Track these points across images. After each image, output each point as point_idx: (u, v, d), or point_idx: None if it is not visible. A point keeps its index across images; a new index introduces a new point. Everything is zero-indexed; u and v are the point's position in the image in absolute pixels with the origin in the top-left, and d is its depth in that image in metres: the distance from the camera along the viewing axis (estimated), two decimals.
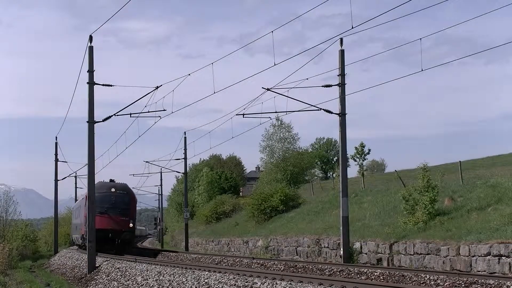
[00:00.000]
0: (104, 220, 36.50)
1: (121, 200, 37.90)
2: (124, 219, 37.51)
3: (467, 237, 20.55)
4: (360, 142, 41.12)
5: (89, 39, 26.72)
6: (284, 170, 56.94)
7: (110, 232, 36.85)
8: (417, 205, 25.57)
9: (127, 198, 38.46)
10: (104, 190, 37.39)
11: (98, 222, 32.78)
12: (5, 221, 59.46)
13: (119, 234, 37.35)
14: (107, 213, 37.09)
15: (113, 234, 37.04)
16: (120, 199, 37.87)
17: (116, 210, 37.39)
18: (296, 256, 31.41)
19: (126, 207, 37.96)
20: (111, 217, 37.13)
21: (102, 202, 36.38)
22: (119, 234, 37.35)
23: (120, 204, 37.69)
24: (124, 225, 37.46)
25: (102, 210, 36.43)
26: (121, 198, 38.00)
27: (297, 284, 13.71)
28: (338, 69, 26.01)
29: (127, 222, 37.65)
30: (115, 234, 37.16)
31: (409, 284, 16.33)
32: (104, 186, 38.08)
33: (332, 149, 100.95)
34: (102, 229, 35.18)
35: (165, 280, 18.49)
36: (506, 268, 18.35)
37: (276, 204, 41.98)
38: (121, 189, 38.66)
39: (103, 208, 36.63)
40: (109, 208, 37.24)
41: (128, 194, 38.97)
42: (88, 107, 27.36)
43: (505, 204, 22.92)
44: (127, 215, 37.81)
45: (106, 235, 36.44)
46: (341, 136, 25.95)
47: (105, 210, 36.85)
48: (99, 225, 32.90)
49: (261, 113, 27.66)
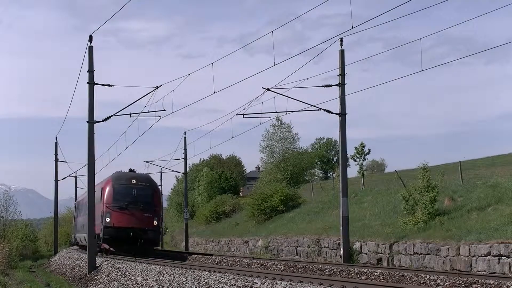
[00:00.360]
0: (124, 217, 31.47)
1: (144, 193, 32.44)
2: (147, 216, 31.88)
3: (467, 237, 20.56)
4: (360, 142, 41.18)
5: (89, 39, 26.73)
6: (284, 170, 56.94)
7: (131, 231, 31.30)
8: (417, 205, 25.58)
9: (150, 191, 32.93)
10: (123, 181, 32.48)
11: (117, 219, 30.72)
12: (5, 221, 59.48)
13: (142, 234, 31.67)
14: (128, 208, 31.64)
15: (134, 233, 31.39)
16: (143, 192, 32.42)
17: (138, 205, 31.82)
18: (296, 256, 31.41)
19: (150, 202, 32.42)
20: (132, 213, 31.61)
21: (122, 196, 31.83)
22: (142, 234, 31.67)
23: (142, 198, 32.23)
24: (147, 223, 31.82)
25: (122, 205, 31.54)
26: (144, 191, 32.53)
27: (297, 284, 13.71)
28: (338, 69, 26.00)
29: (150, 219, 31.98)
30: (137, 233, 31.50)
31: (409, 284, 16.32)
32: (123, 177, 33.14)
33: (332, 149, 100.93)
34: (122, 228, 31.04)
35: (165, 280, 18.49)
36: (506, 268, 18.35)
37: (276, 204, 41.97)
38: (143, 180, 33.30)
39: (123, 202, 31.65)
40: (129, 203, 31.78)
41: (152, 186, 33.45)
42: (88, 107, 27.36)
43: (505, 204, 22.92)
44: (150, 211, 32.22)
45: (127, 235, 31.20)
46: (341, 136, 25.95)
47: (125, 205, 31.61)
48: (118, 223, 30.71)
49: (261, 113, 27.67)
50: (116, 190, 31.68)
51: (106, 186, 32.31)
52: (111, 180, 32.59)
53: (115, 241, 31.09)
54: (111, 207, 31.33)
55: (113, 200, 31.54)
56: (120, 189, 31.95)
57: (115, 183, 32.14)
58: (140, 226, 31.48)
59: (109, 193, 31.79)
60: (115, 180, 32.41)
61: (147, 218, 31.82)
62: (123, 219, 31.36)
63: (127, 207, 31.65)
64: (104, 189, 32.23)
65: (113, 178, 32.83)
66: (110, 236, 31.17)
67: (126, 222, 31.36)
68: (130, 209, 31.61)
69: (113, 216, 31.14)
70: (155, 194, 33.19)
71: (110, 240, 31.43)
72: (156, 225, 32.22)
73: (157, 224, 32.31)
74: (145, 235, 31.61)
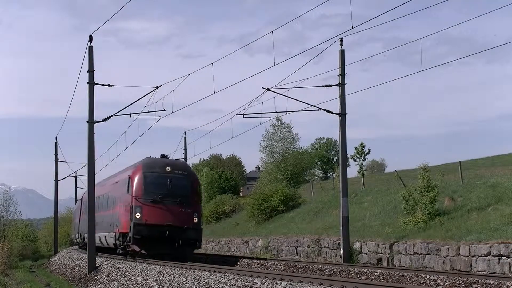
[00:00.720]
0: (158, 212, 26.12)
1: (181, 183, 26.92)
2: (185, 211, 26.37)
3: (467, 237, 20.56)
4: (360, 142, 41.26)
5: (89, 39, 26.76)
6: (284, 170, 56.92)
7: (168, 230, 25.75)
8: (417, 205, 25.59)
9: (189, 181, 27.29)
10: (157, 169, 27.04)
11: (150, 215, 25.83)
12: (5, 221, 59.52)
13: (180, 233, 26.04)
14: (162, 202, 26.22)
15: (171, 232, 25.87)
16: (180, 183, 26.89)
17: (175, 198, 26.32)
18: (296, 256, 31.41)
19: (188, 194, 26.87)
20: (167, 208, 26.23)
21: (155, 187, 26.48)
22: (180, 233, 26.04)
23: (179, 189, 26.64)
24: (186, 220, 26.30)
25: (155, 199, 26.20)
26: (181, 181, 26.99)
27: (297, 284, 13.71)
28: (338, 69, 26.02)
29: (190, 216, 26.49)
30: (175, 232, 25.95)
31: (409, 284, 16.33)
32: (155, 164, 27.49)
33: (332, 149, 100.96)
34: (156, 226, 25.80)
35: (165, 280, 18.49)
36: (506, 268, 18.35)
37: (276, 204, 41.97)
38: (180, 168, 27.73)
39: (156, 195, 26.27)
40: (164, 196, 26.31)
41: (190, 176, 27.85)
42: (88, 107, 27.37)
43: (505, 204, 22.92)
44: (189, 206, 26.65)
45: (162, 234, 25.78)
46: (341, 136, 25.96)
47: (159, 198, 26.19)
48: (151, 219, 25.76)
49: (261, 113, 27.70)
50: (148, 180, 26.46)
51: (135, 175, 26.88)
52: (142, 167, 27.13)
53: (148, 241, 25.81)
54: (142, 201, 26.07)
55: (145, 192, 26.25)
56: (153, 179, 26.62)
57: (147, 171, 26.73)
58: (177, 224, 26.01)
59: (139, 183, 26.49)
60: (147, 167, 26.99)
61: (185, 214, 26.34)
62: (157, 215, 26.00)
63: (162, 201, 26.21)
64: (133, 178, 26.89)
65: (143, 165, 27.37)
66: (141, 236, 25.70)
67: (161, 218, 25.97)
68: (165, 203, 26.26)
69: (145, 211, 25.92)
70: (194, 185, 27.64)
71: (141, 241, 25.82)
72: (197, 223, 26.72)
73: (198, 221, 26.83)
74: (183, 234, 26.03)
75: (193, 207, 26.80)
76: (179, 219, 26.10)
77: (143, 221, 25.79)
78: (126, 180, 27.58)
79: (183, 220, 26.18)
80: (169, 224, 25.81)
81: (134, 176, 26.91)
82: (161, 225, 25.77)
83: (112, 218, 30.17)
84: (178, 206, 26.26)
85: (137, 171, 27.01)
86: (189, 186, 27.10)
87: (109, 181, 34.37)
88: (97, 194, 30.46)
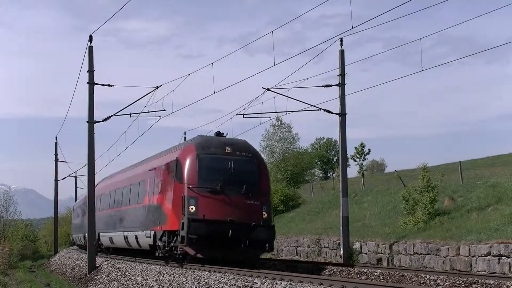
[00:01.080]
0: (219, 205, 20.38)
1: (246, 168, 21.17)
2: (253, 204, 20.71)
3: (467, 237, 20.57)
4: (360, 142, 41.29)
5: (89, 39, 26.79)
6: (284, 170, 56.91)
7: (231, 227, 19.89)
8: (417, 205, 25.60)
9: (255, 166, 21.52)
10: (214, 149, 21.17)
11: (209, 208, 20.14)
12: (5, 221, 59.58)
13: (247, 231, 20.16)
14: (224, 192, 20.42)
15: (235, 230, 19.92)
16: (244, 167, 21.13)
17: (239, 187, 20.58)
18: (296, 256, 31.42)
19: (255, 182, 21.16)
20: (230, 199, 20.47)
21: (213, 173, 20.69)
22: (247, 231, 20.16)
23: (244, 176, 20.91)
24: (254, 215, 20.56)
25: (214, 188, 20.35)
26: (246, 165, 21.22)
27: (297, 284, 13.72)
28: (338, 69, 26.02)
29: (258, 210, 20.73)
30: (240, 230, 20.01)
31: (409, 284, 16.33)
32: (211, 143, 21.51)
33: (332, 149, 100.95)
34: (216, 222, 19.97)
35: (165, 280, 18.49)
36: (506, 268, 18.36)
37: (276, 204, 41.99)
38: (243, 149, 21.65)
39: (215, 183, 20.38)
40: (225, 184, 20.47)
41: (256, 159, 21.95)
42: (88, 107, 27.37)
43: (505, 204, 22.94)
44: (257, 197, 20.88)
45: (223, 233, 19.81)
46: (341, 136, 25.95)
47: (219, 187, 20.34)
48: (210, 214, 19.94)
49: (261, 113, 27.59)
50: (204, 163, 20.71)
51: (186, 157, 21.09)
52: (195, 147, 21.30)
53: (206, 242, 20.00)
54: (198, 190, 20.38)
55: (200, 178, 20.56)
56: (210, 162, 20.87)
57: (202, 152, 20.95)
58: (243, 220, 20.29)
59: (193, 167, 20.73)
60: (201, 147, 21.17)
61: (253, 208, 20.71)
62: (218, 208, 20.32)
63: (223, 190, 20.43)
64: (183, 161, 21.07)
65: (197, 144, 21.52)
66: (198, 235, 19.78)
67: (222, 213, 20.22)
68: (226, 193, 20.48)
69: (202, 203, 20.25)
70: (263, 171, 21.83)
71: (197, 241, 19.93)
72: (267, 218, 20.85)
73: (268, 216, 20.96)
74: (251, 233, 20.19)
75: (262, 198, 21.07)
76: (245, 214, 20.44)
77: (201, 216, 19.90)
78: (172, 164, 21.56)
79: (250, 215, 20.52)
80: (232, 220, 20.04)
81: (184, 158, 21.09)
82: (222, 222, 19.94)
83: (147, 212, 24.30)
84: (244, 197, 20.62)
85: (188, 152, 21.20)
86: (256, 171, 21.37)
87: (138, 168, 28.52)
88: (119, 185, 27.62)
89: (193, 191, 20.31)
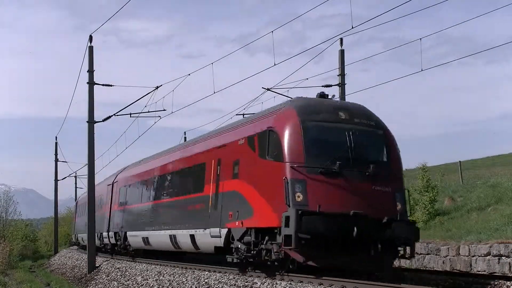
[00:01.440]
0: (336, 192, 14.39)
1: (371, 142, 15.40)
2: (383, 191, 14.83)
3: (467, 237, 20.55)
4: None
5: (89, 39, 26.82)
6: None
7: (355, 223, 13.86)
8: (417, 205, 25.59)
9: (382, 138, 15.56)
10: (321, 115, 15.23)
11: (324, 196, 14.16)
12: (5, 221, 59.60)
13: (379, 229, 14.18)
14: (342, 174, 14.43)
15: (362, 227, 13.89)
16: (368, 141, 15.34)
17: (363, 167, 14.69)
18: None
19: (385, 161, 15.34)
20: (352, 185, 14.49)
21: (326, 148, 14.85)
22: (379, 229, 14.18)
23: (368, 152, 15.29)
24: (386, 206, 14.69)
25: (331, 168, 14.33)
26: (369, 137, 15.39)
27: (297, 284, 13.70)
28: (338, 69, 26.03)
29: (390, 199, 14.90)
30: (369, 227, 14.05)
31: (409, 284, 16.32)
32: (319, 107, 15.57)
33: None
34: (336, 215, 13.83)
35: (165, 280, 18.49)
36: (506, 268, 18.34)
37: None
38: (363, 115, 15.72)
39: (330, 160, 14.42)
40: (343, 163, 14.48)
41: (382, 129, 15.72)
42: (88, 107, 27.39)
43: (505, 204, 22.93)
44: (388, 181, 14.97)
45: (346, 231, 13.81)
46: None
47: (336, 167, 14.33)
48: (327, 205, 13.89)
49: None
50: (311, 135, 14.82)
51: (285, 125, 15.11)
52: (296, 112, 15.35)
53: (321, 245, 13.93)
54: (307, 171, 14.37)
55: (308, 155, 14.56)
56: (321, 133, 15.05)
57: (307, 119, 15.01)
58: (372, 214, 14.27)
59: (297, 139, 14.77)
60: (305, 112, 15.23)
61: (383, 197, 14.83)
62: (336, 197, 14.36)
63: (341, 172, 14.45)
64: (280, 131, 15.10)
65: (299, 108, 15.50)
66: (312, 235, 13.69)
67: (344, 203, 14.27)
68: (346, 175, 14.51)
69: (313, 189, 14.23)
70: (392, 146, 15.66)
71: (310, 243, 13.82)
72: (402, 211, 14.90)
73: (403, 208, 14.97)
74: (383, 232, 14.24)
75: (394, 183, 15.11)
76: (374, 206, 14.47)
77: (314, 208, 13.83)
78: (261, 136, 15.75)
79: (381, 206, 14.60)
80: (358, 213, 14.06)
81: (282, 127, 15.12)
82: (344, 216, 13.96)
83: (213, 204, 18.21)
84: (370, 182, 14.69)
85: (288, 119, 15.21)
86: (384, 146, 15.47)
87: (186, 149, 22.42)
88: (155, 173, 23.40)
89: (299, 172, 14.30)
